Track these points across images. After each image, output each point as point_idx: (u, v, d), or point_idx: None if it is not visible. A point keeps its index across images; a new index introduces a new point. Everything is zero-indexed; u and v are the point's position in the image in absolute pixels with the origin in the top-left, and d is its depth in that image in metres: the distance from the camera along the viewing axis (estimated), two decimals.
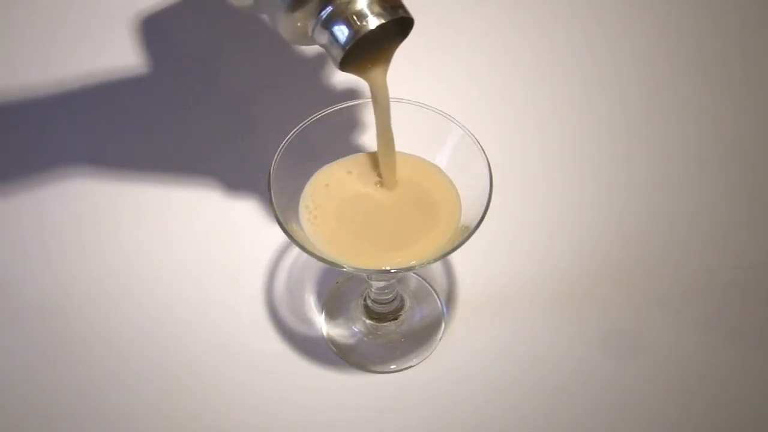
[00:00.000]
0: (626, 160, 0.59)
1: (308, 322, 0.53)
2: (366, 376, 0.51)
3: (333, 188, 0.46)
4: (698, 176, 0.58)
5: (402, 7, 0.42)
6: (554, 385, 0.50)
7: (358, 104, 0.46)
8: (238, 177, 0.58)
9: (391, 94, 0.45)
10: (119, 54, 0.64)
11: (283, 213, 0.43)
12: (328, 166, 0.47)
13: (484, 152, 0.44)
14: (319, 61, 0.62)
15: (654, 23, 0.67)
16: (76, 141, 0.60)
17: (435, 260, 0.42)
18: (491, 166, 0.43)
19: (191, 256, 0.55)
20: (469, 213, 0.44)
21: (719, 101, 0.62)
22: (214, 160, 0.59)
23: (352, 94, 0.59)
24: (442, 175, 0.46)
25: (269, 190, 0.43)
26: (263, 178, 0.43)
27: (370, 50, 0.43)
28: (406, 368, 0.51)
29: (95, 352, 0.51)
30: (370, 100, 0.45)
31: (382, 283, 0.50)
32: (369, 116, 0.46)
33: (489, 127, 0.48)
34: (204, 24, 0.66)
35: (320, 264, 0.42)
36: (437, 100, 0.46)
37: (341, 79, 0.50)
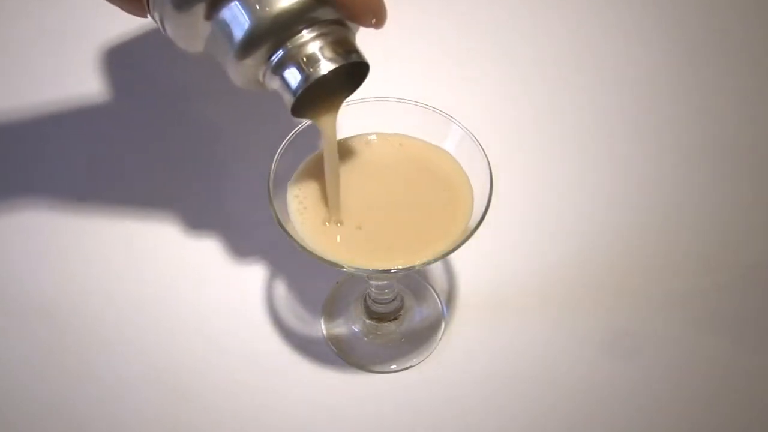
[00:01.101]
0: (628, 160, 0.59)
1: (308, 322, 0.53)
2: (366, 376, 0.51)
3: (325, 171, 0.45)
4: (699, 177, 0.58)
5: (356, 51, 0.40)
6: (555, 385, 0.50)
7: (358, 103, 0.46)
8: (237, 178, 0.58)
9: (390, 93, 0.45)
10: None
11: (282, 213, 0.43)
12: (319, 151, 0.46)
13: (484, 152, 0.44)
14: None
15: (659, 19, 0.67)
16: (74, 152, 0.60)
17: (435, 260, 0.42)
18: (491, 165, 0.43)
19: (191, 256, 0.55)
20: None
21: (721, 101, 0.62)
22: (211, 162, 0.59)
23: None
24: (462, 174, 0.46)
25: (269, 191, 0.43)
26: (261, 179, 0.43)
27: (327, 95, 0.42)
28: (406, 368, 0.51)
29: (94, 354, 0.51)
30: (368, 99, 0.45)
31: (382, 283, 0.50)
32: (367, 116, 0.46)
33: (489, 127, 0.48)
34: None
35: (320, 264, 0.42)
36: (437, 100, 0.46)
37: None
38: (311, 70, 0.39)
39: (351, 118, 0.45)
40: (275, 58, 0.40)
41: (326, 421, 0.49)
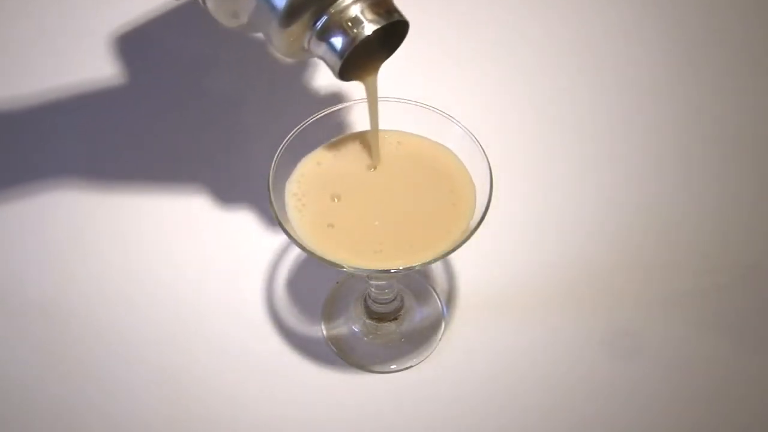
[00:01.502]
0: (628, 160, 0.59)
1: (308, 322, 0.53)
2: (366, 376, 0.51)
3: (325, 168, 0.45)
4: (699, 176, 0.58)
5: (396, 11, 0.42)
6: (555, 385, 0.50)
7: (358, 104, 0.46)
8: (236, 178, 0.58)
9: (390, 92, 0.45)
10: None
11: (282, 212, 0.43)
12: (318, 149, 0.46)
13: (484, 152, 0.44)
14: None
15: (659, 19, 0.67)
16: (73, 151, 0.60)
17: (435, 260, 0.42)
18: (491, 165, 0.43)
19: (191, 257, 0.55)
20: None
21: (721, 101, 0.62)
22: (210, 162, 0.59)
23: (338, 97, 0.58)
24: (465, 173, 0.45)
25: (269, 192, 0.42)
26: (260, 178, 0.43)
27: (368, 56, 0.43)
28: (406, 368, 0.51)
29: (94, 354, 0.51)
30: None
31: (382, 283, 0.50)
32: (367, 116, 0.46)
33: (489, 127, 0.48)
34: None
35: (320, 264, 0.42)
36: (437, 100, 0.46)
37: (327, 83, 0.49)
38: (356, 31, 0.41)
39: (351, 118, 0.45)
40: (319, 23, 0.41)
41: (326, 421, 0.49)
